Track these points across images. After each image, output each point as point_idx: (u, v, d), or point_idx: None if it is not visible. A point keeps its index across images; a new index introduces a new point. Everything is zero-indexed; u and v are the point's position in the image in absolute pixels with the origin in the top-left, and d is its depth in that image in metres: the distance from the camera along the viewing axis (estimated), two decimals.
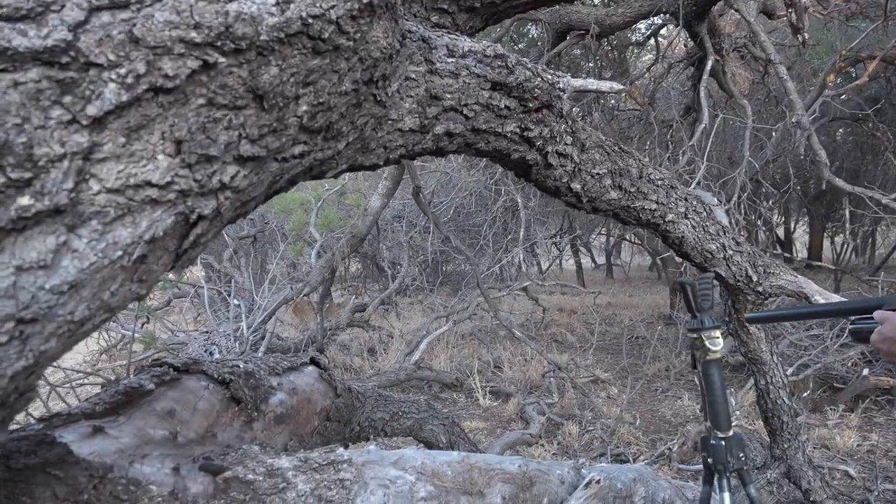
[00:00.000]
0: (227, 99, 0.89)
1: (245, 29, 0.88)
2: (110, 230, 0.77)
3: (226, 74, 0.88)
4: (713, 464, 1.46)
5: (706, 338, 1.49)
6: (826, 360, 5.52)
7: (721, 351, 1.48)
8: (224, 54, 0.87)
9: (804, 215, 17.07)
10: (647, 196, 2.28)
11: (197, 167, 0.86)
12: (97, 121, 0.75)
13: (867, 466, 4.33)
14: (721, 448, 1.46)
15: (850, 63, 8.22)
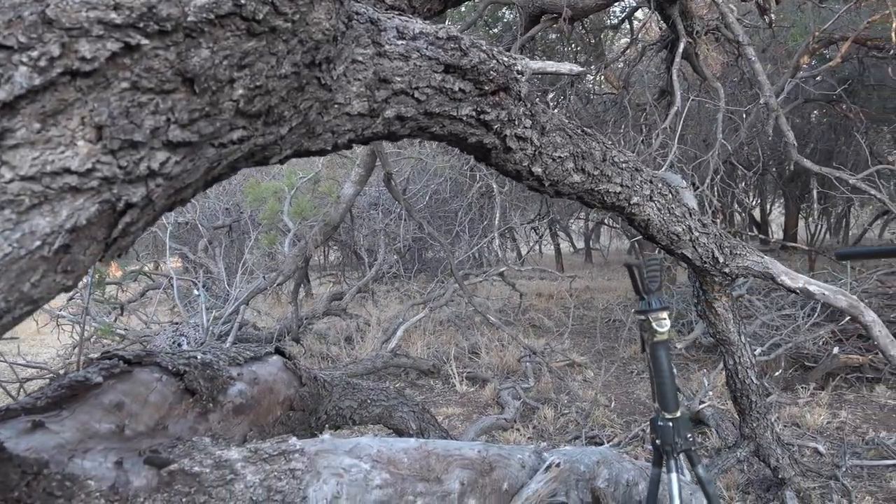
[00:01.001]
0: (154, 82, 0.86)
1: (170, 10, 0.86)
2: (26, 219, 0.75)
3: (151, 57, 0.85)
4: (661, 445, 1.46)
5: (653, 319, 1.49)
6: (797, 339, 5.58)
7: (668, 332, 1.48)
8: (148, 36, 0.84)
9: (780, 197, 17.25)
10: (612, 179, 2.27)
11: (121, 153, 0.83)
12: (7, 106, 0.73)
13: (836, 443, 4.39)
14: (669, 429, 1.47)
15: (824, 45, 8.28)
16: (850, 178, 3.95)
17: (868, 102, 10.74)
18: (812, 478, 3.79)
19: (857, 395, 5.33)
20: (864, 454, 4.20)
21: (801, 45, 7.73)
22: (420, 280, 9.36)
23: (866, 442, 4.38)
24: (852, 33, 7.54)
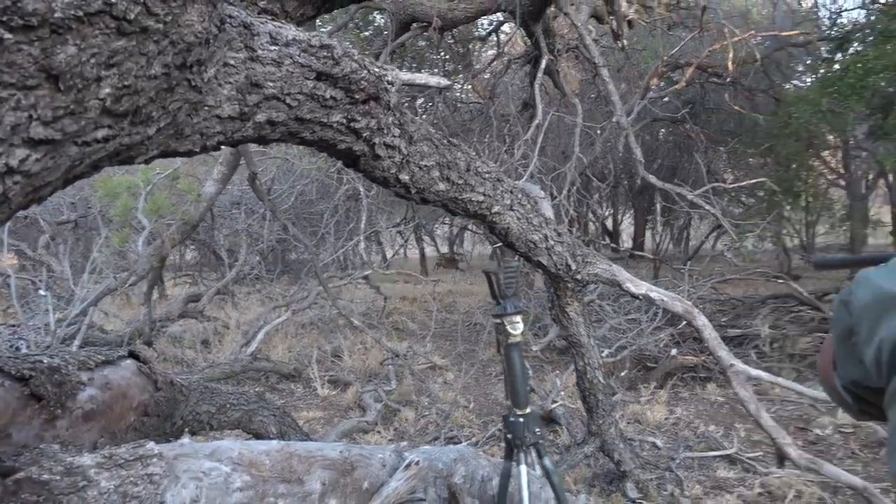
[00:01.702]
0: (16, 78, 0.84)
1: (37, 5, 0.83)
2: None
3: (13, 52, 0.83)
4: (512, 439, 1.57)
5: (508, 323, 1.59)
6: (641, 341, 6.01)
7: (521, 335, 1.58)
8: (11, 30, 0.82)
9: (630, 208, 18.39)
10: (475, 188, 2.38)
11: None
12: None
13: (672, 437, 4.76)
14: (519, 425, 1.57)
15: (671, 68, 8.98)
16: (688, 194, 4.33)
17: (708, 124, 11.73)
18: (650, 470, 4.11)
19: (691, 393, 5.81)
20: (696, 447, 4.59)
21: (651, 67, 8.34)
22: (283, 282, 9.19)
23: (698, 436, 4.79)
24: (696, 60, 8.23)
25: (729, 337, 6.80)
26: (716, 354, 3.32)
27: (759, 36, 8.72)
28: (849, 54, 7.27)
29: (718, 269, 9.41)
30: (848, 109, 6.42)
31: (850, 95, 6.09)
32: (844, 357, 0.85)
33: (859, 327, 0.82)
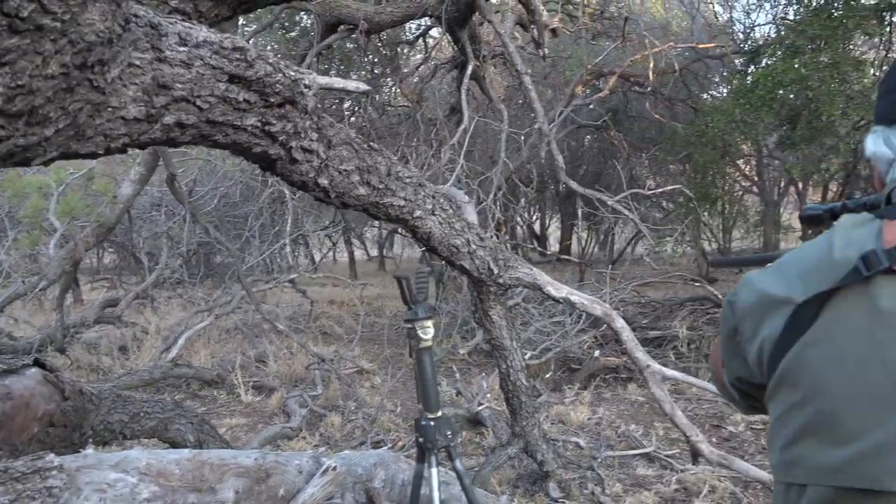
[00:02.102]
0: None
1: None
2: None
3: None
4: (424, 442, 1.59)
5: (419, 327, 1.61)
6: (565, 343, 6.14)
7: (432, 339, 1.60)
8: None
9: (557, 212, 18.76)
10: (396, 193, 2.38)
11: None
12: None
13: (594, 437, 4.88)
14: (431, 428, 1.59)
15: (595, 77, 9.21)
16: (608, 200, 4.46)
17: (630, 132, 12.08)
18: (573, 469, 4.20)
19: (613, 394, 5.97)
20: (617, 446, 4.72)
21: (576, 75, 8.54)
22: (206, 286, 8.95)
23: (619, 435, 4.92)
24: (618, 69, 8.48)
25: (649, 338, 7.01)
26: (633, 356, 3.42)
27: (677, 47, 9.06)
28: (760, 67, 7.61)
29: (640, 272, 9.71)
30: (759, 120, 6.72)
31: (760, 107, 6.38)
32: (730, 355, 0.90)
33: (743, 327, 0.87)
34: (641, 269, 10.24)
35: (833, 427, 0.74)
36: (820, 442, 0.74)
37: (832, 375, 0.75)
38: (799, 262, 0.83)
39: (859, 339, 0.73)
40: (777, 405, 0.80)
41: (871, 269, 0.73)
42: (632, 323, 7.20)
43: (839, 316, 0.75)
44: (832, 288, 0.76)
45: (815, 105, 6.27)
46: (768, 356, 0.82)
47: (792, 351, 0.78)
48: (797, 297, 0.79)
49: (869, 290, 0.74)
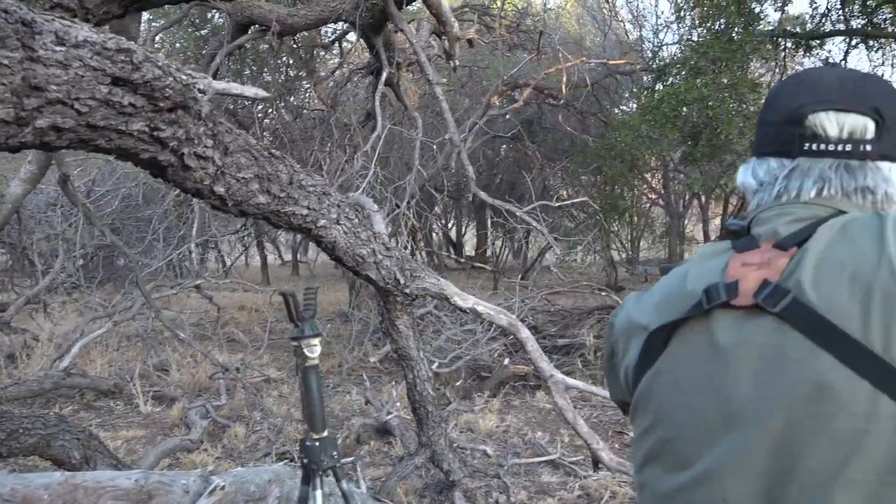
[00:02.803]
0: None
1: None
2: None
3: None
4: (308, 464, 1.55)
5: (305, 346, 1.58)
6: (476, 352, 6.18)
7: (318, 358, 1.57)
8: None
9: (473, 220, 18.95)
10: (298, 202, 2.34)
11: None
12: None
13: (502, 445, 4.93)
14: (316, 449, 1.56)
15: (511, 88, 9.36)
16: (517, 211, 4.53)
17: (544, 143, 12.35)
18: (479, 478, 4.22)
19: (522, 401, 6.05)
20: (523, 453, 4.78)
21: (492, 85, 8.66)
22: (106, 291, 8.53)
23: (526, 442, 4.99)
24: (533, 81, 8.65)
25: (558, 346, 7.16)
26: (537, 365, 3.48)
27: (590, 62, 9.32)
28: (666, 85, 7.92)
29: (551, 281, 9.91)
30: (664, 136, 6.99)
31: (665, 123, 6.64)
32: (610, 375, 0.92)
33: (617, 348, 0.90)
34: (553, 277, 10.46)
35: (672, 454, 0.76)
36: (663, 468, 0.77)
37: (674, 403, 0.77)
38: (661, 289, 0.86)
39: (697, 369, 0.76)
40: (635, 428, 0.83)
41: (710, 302, 0.76)
42: (541, 331, 7.35)
43: (683, 346, 0.78)
44: (679, 319, 0.78)
45: (715, 123, 6.58)
46: (631, 381, 0.85)
47: (644, 377, 0.81)
48: (652, 325, 0.81)
49: (708, 323, 0.76)
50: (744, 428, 0.71)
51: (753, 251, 0.78)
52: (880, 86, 0.83)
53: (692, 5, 7.06)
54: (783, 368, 0.70)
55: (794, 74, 0.89)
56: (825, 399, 0.67)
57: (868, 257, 0.69)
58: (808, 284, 0.71)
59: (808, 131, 0.80)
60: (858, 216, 0.76)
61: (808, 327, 0.69)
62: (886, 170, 0.80)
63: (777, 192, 0.82)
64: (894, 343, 0.65)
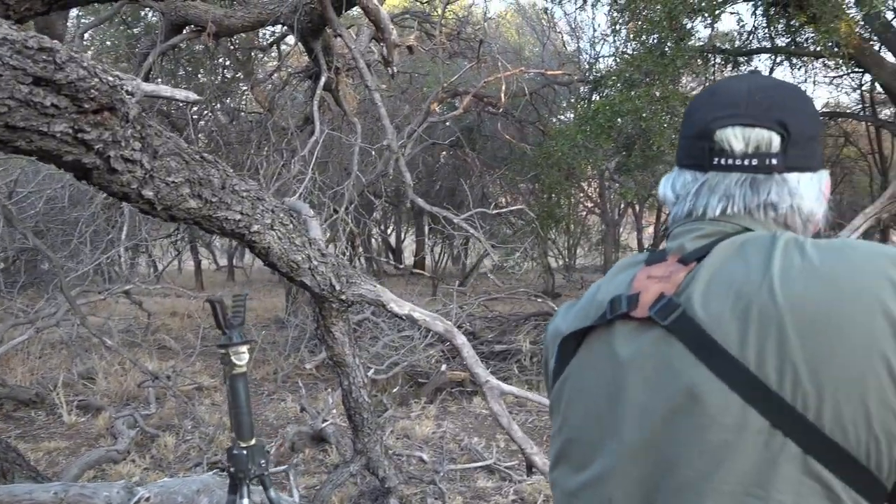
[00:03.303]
0: None
1: None
2: None
3: None
4: (235, 472, 1.53)
5: (233, 353, 1.56)
6: (413, 358, 6.18)
7: (246, 365, 1.56)
8: None
9: (413, 226, 18.95)
10: (231, 207, 2.30)
11: None
12: None
13: (438, 451, 4.94)
14: (243, 457, 1.54)
15: (451, 95, 9.42)
16: (454, 218, 4.56)
17: (484, 150, 12.47)
18: (415, 484, 4.22)
19: (459, 407, 6.07)
20: (459, 459, 4.80)
21: (432, 92, 8.69)
22: (28, 296, 8.18)
23: (462, 448, 5.01)
24: (473, 89, 8.72)
25: (496, 352, 7.22)
26: (473, 371, 3.50)
27: (529, 72, 9.46)
28: (602, 96, 8.11)
29: (488, 287, 9.99)
30: (599, 146, 7.15)
31: (600, 134, 6.79)
32: (546, 379, 0.95)
33: (547, 353, 0.93)
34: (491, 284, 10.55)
35: (575, 454, 0.80)
36: (569, 467, 0.81)
37: (577, 407, 0.81)
38: (584, 298, 0.89)
39: (598, 376, 0.79)
40: (552, 429, 0.87)
41: (613, 312, 0.79)
42: (479, 337, 7.40)
43: (588, 353, 0.81)
44: (587, 327, 0.81)
45: (648, 135, 6.76)
46: (550, 384, 0.89)
47: (558, 381, 0.85)
48: (566, 332, 0.85)
49: (610, 332, 0.79)
50: (626, 435, 0.74)
51: (659, 264, 0.81)
52: (791, 96, 0.84)
53: (627, 20, 7.25)
54: (666, 379, 0.73)
55: (711, 87, 0.90)
56: (699, 410, 0.69)
57: (753, 276, 0.71)
58: (697, 300, 0.73)
59: (716, 146, 0.81)
60: (757, 235, 0.78)
61: (692, 341, 0.72)
62: (794, 181, 0.81)
63: (688, 210, 0.84)
64: (767, 360, 0.67)
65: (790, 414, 0.66)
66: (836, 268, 0.70)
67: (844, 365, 0.66)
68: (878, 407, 0.65)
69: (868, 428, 0.65)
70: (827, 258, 0.71)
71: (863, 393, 0.65)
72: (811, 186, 0.82)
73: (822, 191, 0.84)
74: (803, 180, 0.81)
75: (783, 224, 0.82)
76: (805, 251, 0.72)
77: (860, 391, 0.65)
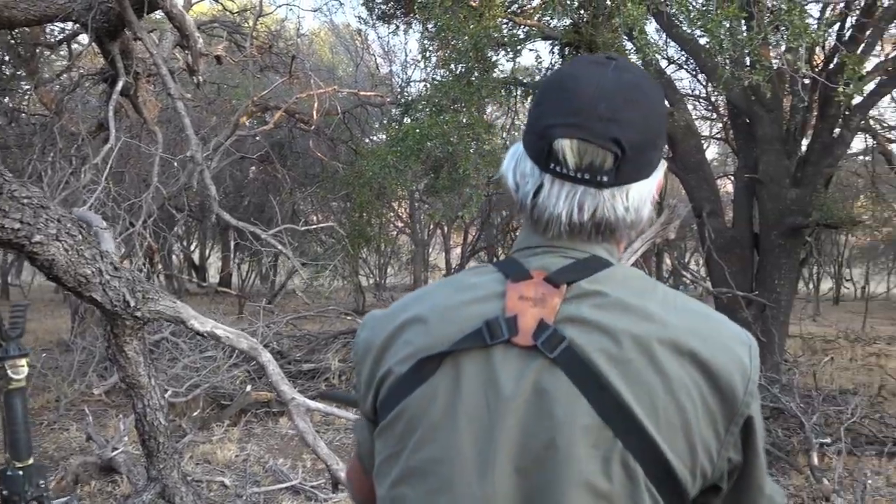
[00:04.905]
0: None
1: None
2: None
3: None
4: (9, 495, 1.41)
5: (9, 367, 1.44)
6: (216, 379, 5.93)
7: (24, 380, 1.45)
8: None
9: (219, 242, 18.16)
10: (9, 214, 2.10)
11: None
12: None
13: (241, 474, 4.77)
14: (19, 478, 1.42)
15: (262, 110, 9.20)
16: (261, 233, 4.46)
17: (295, 167, 12.30)
18: None
19: (264, 428, 5.91)
20: (263, 481, 4.67)
21: (242, 105, 8.44)
22: None
23: (266, 470, 4.88)
24: (284, 104, 8.59)
25: (304, 371, 7.12)
26: (278, 389, 3.44)
27: (342, 91, 9.52)
28: (413, 119, 8.34)
29: (298, 306, 9.84)
30: (408, 167, 7.33)
31: (409, 155, 6.97)
32: (362, 392, 0.90)
33: (362, 367, 0.89)
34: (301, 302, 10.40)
35: (437, 475, 0.76)
36: (428, 487, 0.77)
37: (445, 427, 0.77)
38: (417, 310, 0.86)
39: (470, 404, 0.77)
40: (391, 441, 0.81)
41: (494, 338, 0.77)
42: (287, 356, 7.26)
43: (456, 377, 0.78)
44: (452, 349, 0.78)
45: (454, 159, 7.05)
46: (387, 398, 0.83)
47: (410, 397, 0.80)
48: (419, 347, 0.81)
49: (488, 357, 0.77)
50: (497, 469, 0.73)
51: (527, 284, 0.80)
52: (635, 103, 0.81)
53: (437, 48, 7.54)
54: (547, 411, 0.73)
55: (565, 73, 0.85)
56: (575, 442, 0.72)
57: (641, 317, 0.76)
58: (584, 332, 0.76)
59: (553, 153, 0.80)
60: (635, 274, 0.83)
61: (578, 374, 0.73)
62: (623, 194, 0.81)
63: (529, 211, 0.84)
64: (639, 398, 0.72)
65: (660, 458, 0.72)
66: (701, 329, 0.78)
67: None
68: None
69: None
70: (695, 317, 0.79)
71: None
72: (640, 194, 0.82)
73: (652, 193, 0.84)
74: (634, 189, 0.81)
75: (610, 232, 0.83)
76: (678, 307, 0.79)
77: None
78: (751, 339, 0.80)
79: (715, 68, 5.58)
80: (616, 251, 0.86)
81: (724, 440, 0.76)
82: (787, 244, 7.03)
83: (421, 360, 0.79)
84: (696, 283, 9.61)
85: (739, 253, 7.22)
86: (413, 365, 0.80)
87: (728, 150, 14.04)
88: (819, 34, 4.84)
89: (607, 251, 0.84)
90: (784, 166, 7.06)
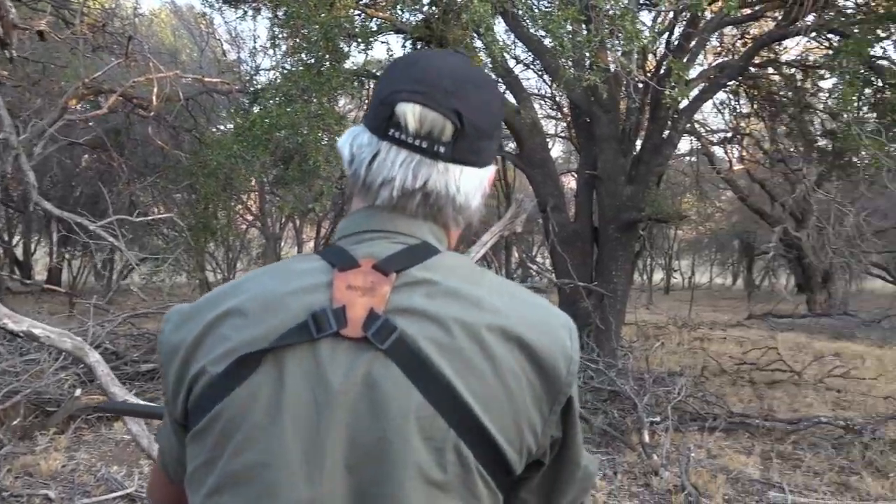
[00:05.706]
0: None
1: None
2: None
3: None
4: None
5: None
6: (40, 384, 5.45)
7: None
8: None
9: (46, 237, 16.73)
10: None
11: None
12: None
13: (68, 486, 4.43)
14: None
15: (94, 93, 8.52)
16: (89, 226, 4.13)
17: (133, 155, 11.53)
18: None
19: (96, 435, 5.51)
20: (94, 491, 4.35)
21: (72, 87, 7.78)
22: None
23: (98, 479, 4.54)
24: (120, 88, 8.01)
25: (142, 371, 6.72)
26: (108, 391, 3.22)
27: (185, 77, 9.02)
28: (261, 108, 8.07)
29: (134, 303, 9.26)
30: (256, 158, 7.08)
31: (258, 145, 6.74)
32: (170, 397, 0.83)
33: (168, 370, 0.82)
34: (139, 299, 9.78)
35: (262, 481, 0.72)
36: (253, 493, 0.72)
37: (270, 429, 0.72)
38: (228, 303, 0.80)
39: (297, 397, 0.73)
40: (206, 448, 0.76)
41: (321, 331, 0.73)
42: (123, 356, 6.80)
43: (279, 375, 0.74)
44: (275, 345, 0.74)
45: (304, 150, 6.90)
46: (200, 399, 0.77)
47: (229, 398, 0.74)
48: (238, 344, 0.76)
49: (315, 351, 0.74)
50: (326, 469, 0.71)
51: (355, 272, 0.77)
52: (477, 88, 0.83)
53: (286, 35, 7.34)
54: (378, 404, 0.71)
55: (416, 55, 0.87)
56: (409, 435, 0.70)
57: (471, 304, 0.76)
58: (414, 321, 0.74)
59: (394, 118, 0.79)
60: (463, 261, 0.83)
61: (407, 364, 0.72)
62: (457, 173, 0.81)
63: (361, 182, 0.83)
64: (470, 386, 0.72)
65: (490, 442, 0.73)
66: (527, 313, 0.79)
67: None
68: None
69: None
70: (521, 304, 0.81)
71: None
72: (472, 181, 0.83)
73: (483, 185, 0.85)
74: (466, 173, 0.82)
75: (436, 211, 0.83)
76: (504, 293, 0.80)
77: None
78: (571, 323, 0.83)
79: (558, 69, 5.84)
80: (444, 238, 0.86)
81: (547, 419, 0.78)
82: (623, 238, 7.50)
83: (240, 357, 0.74)
84: (542, 274, 10.04)
85: (581, 246, 7.62)
86: (231, 363, 0.74)
87: (571, 148, 14.82)
88: (650, 39, 5.18)
89: (436, 237, 0.84)
90: (620, 164, 7.52)
